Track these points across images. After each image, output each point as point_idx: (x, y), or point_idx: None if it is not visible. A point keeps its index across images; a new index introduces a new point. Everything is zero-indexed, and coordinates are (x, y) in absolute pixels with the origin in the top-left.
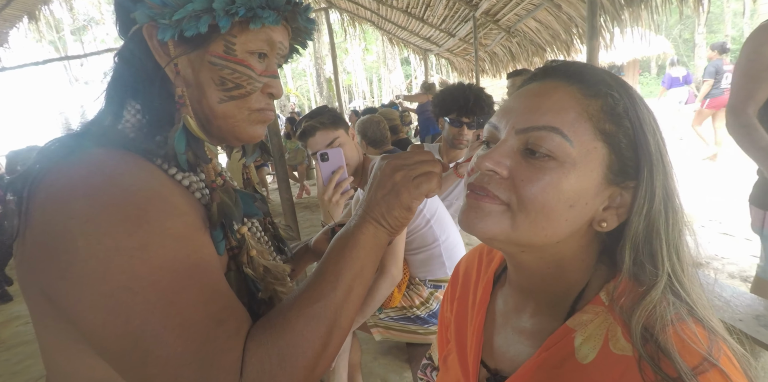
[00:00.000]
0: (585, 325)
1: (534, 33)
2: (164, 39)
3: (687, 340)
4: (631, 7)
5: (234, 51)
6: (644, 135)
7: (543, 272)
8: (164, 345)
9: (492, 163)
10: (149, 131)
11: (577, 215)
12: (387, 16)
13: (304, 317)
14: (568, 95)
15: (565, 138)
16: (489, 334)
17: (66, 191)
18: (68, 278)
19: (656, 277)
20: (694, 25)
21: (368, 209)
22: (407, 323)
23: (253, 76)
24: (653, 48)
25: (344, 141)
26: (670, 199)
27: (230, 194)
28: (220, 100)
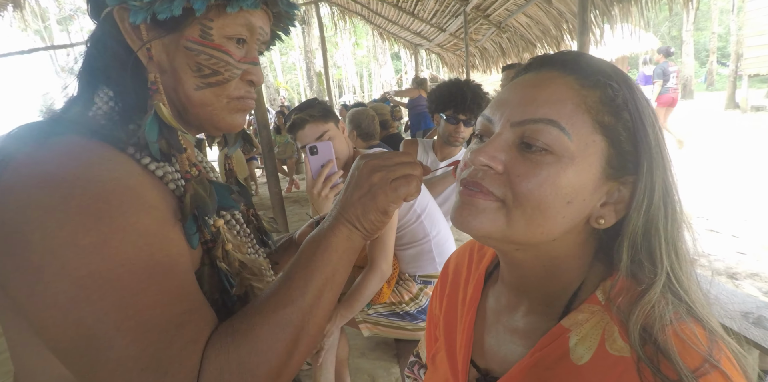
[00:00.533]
0: (580, 324)
1: (524, 28)
2: (136, 22)
3: (687, 341)
4: (621, 3)
5: (210, 36)
6: (644, 127)
7: (537, 270)
8: (117, 348)
9: (486, 158)
10: (121, 119)
11: (575, 212)
12: (378, 11)
13: (268, 324)
14: (565, 86)
15: (563, 131)
16: (479, 333)
17: (26, 180)
18: (22, 272)
19: (655, 275)
20: (681, 22)
21: (343, 210)
22: (396, 318)
23: (231, 63)
24: (642, 44)
25: (334, 134)
26: (669, 194)
27: (204, 186)
28: (196, 87)
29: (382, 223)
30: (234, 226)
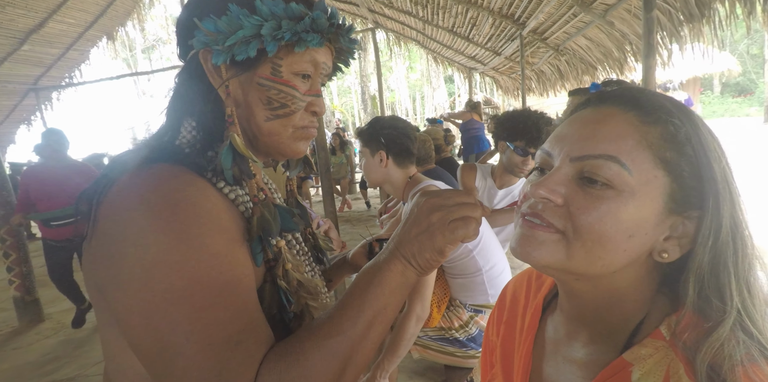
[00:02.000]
0: (644, 359)
1: (584, 51)
2: (217, 63)
3: (757, 380)
4: (691, 23)
5: (280, 73)
6: (708, 163)
7: (597, 302)
8: (185, 357)
9: (546, 191)
10: (202, 147)
11: (636, 245)
12: (432, 36)
13: (319, 351)
14: (625, 122)
15: (624, 167)
16: (537, 361)
17: (126, 202)
18: (117, 281)
19: (724, 313)
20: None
21: (400, 245)
22: (445, 344)
23: (297, 96)
24: (716, 65)
25: (366, 158)
26: (738, 229)
27: (270, 209)
28: (266, 118)
29: (436, 262)
30: (294, 246)
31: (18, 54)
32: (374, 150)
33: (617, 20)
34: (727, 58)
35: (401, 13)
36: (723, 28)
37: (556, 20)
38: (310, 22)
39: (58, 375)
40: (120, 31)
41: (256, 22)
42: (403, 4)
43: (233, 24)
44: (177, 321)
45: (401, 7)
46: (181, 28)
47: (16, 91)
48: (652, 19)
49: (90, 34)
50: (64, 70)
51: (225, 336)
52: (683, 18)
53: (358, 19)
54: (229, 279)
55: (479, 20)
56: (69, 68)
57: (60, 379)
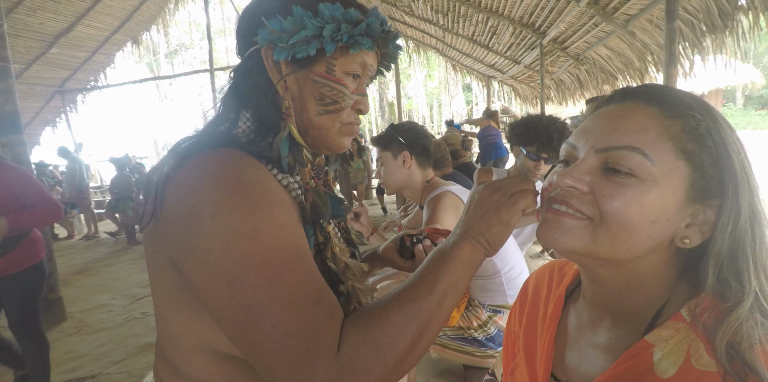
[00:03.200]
0: (665, 340)
1: (605, 60)
2: (279, 59)
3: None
4: (713, 33)
5: (334, 71)
6: (728, 154)
7: (620, 287)
8: (270, 316)
9: (573, 180)
10: (257, 137)
11: (659, 231)
12: (452, 44)
13: (401, 312)
14: (648, 116)
15: (647, 157)
16: (560, 348)
17: (198, 180)
18: (195, 252)
19: (742, 294)
20: None
21: (467, 227)
22: (464, 343)
23: (347, 94)
24: (739, 77)
25: (385, 162)
26: (757, 217)
27: (321, 196)
28: (318, 113)
29: (504, 236)
30: (337, 233)
31: (46, 57)
32: (397, 152)
33: (639, 30)
34: (751, 71)
35: (421, 21)
36: (746, 39)
37: (577, 29)
38: (365, 27)
39: (81, 373)
40: (145, 36)
41: (319, 24)
42: (423, 12)
43: (297, 24)
44: (259, 284)
45: (422, 15)
46: (244, 25)
47: (43, 93)
48: (674, 29)
49: (116, 38)
50: (89, 73)
51: (305, 295)
52: (706, 29)
53: None
54: (298, 247)
55: (499, 29)
56: (94, 71)
57: (82, 377)
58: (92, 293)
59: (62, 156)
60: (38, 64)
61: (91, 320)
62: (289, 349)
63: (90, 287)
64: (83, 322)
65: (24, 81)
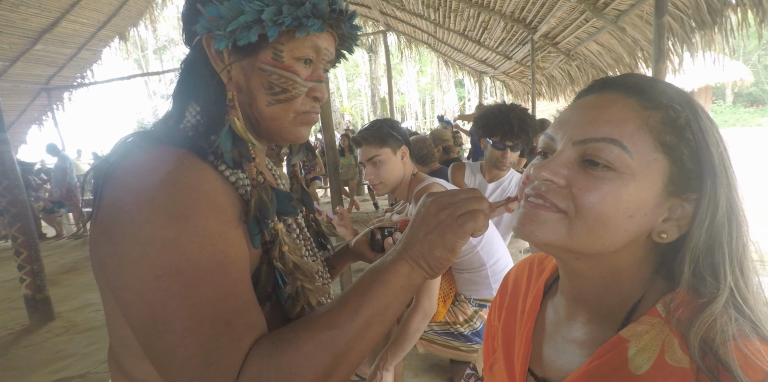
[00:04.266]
0: (640, 336)
1: (595, 56)
2: (220, 48)
3: (750, 356)
4: (702, 30)
5: (281, 58)
6: (707, 147)
7: (597, 281)
8: (174, 334)
9: (549, 173)
10: (205, 131)
11: (636, 226)
12: (444, 39)
13: (313, 341)
14: (627, 107)
15: (625, 149)
16: (537, 343)
17: (125, 183)
18: (115, 257)
19: (717, 290)
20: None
21: (407, 246)
22: (450, 338)
23: (299, 81)
24: (728, 74)
25: (384, 159)
26: (734, 212)
27: (267, 192)
28: (268, 103)
29: (447, 261)
30: (294, 230)
31: (31, 53)
32: (396, 147)
33: (629, 26)
34: (740, 68)
35: (413, 16)
36: (735, 35)
37: (568, 25)
38: (311, 7)
39: (69, 372)
40: (132, 32)
41: (257, 7)
42: (414, 7)
43: (235, 9)
44: (167, 297)
45: (413, 9)
46: (185, 14)
47: (28, 90)
48: (663, 24)
49: (102, 34)
50: (75, 70)
51: (214, 315)
52: (695, 25)
53: (369, 21)
54: (221, 260)
55: (491, 24)
56: (81, 68)
57: (70, 376)
58: (81, 292)
59: (51, 153)
60: (23, 61)
61: (79, 320)
62: (187, 372)
63: (78, 286)
64: (72, 321)
65: (8, 78)
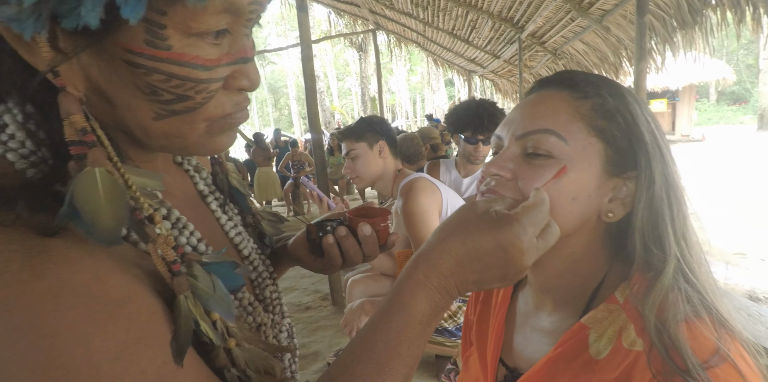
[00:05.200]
0: (599, 322)
1: (581, 55)
2: (28, 36)
3: (699, 334)
4: (684, 29)
5: (165, 39)
6: (637, 127)
7: (557, 268)
8: None
9: (496, 168)
10: (51, 172)
11: (582, 208)
12: (433, 38)
13: None
14: (560, 100)
15: (560, 137)
16: (509, 334)
17: None
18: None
19: (665, 261)
20: (758, 50)
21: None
22: (435, 334)
23: (203, 78)
24: (712, 73)
25: (360, 153)
26: (672, 185)
27: (202, 276)
28: (156, 115)
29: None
30: (239, 233)
31: None
32: (372, 142)
33: (613, 25)
34: (723, 67)
35: (402, 15)
36: (714, 35)
37: (554, 24)
38: None
39: None
40: None
41: None
42: (403, 6)
43: None
44: None
45: (402, 8)
46: None
47: None
48: (645, 23)
49: None
50: None
51: None
52: (676, 24)
53: (359, 20)
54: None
55: (479, 23)
56: None
57: None
58: None
59: None
60: None
61: None
62: None
63: None
64: None
65: None
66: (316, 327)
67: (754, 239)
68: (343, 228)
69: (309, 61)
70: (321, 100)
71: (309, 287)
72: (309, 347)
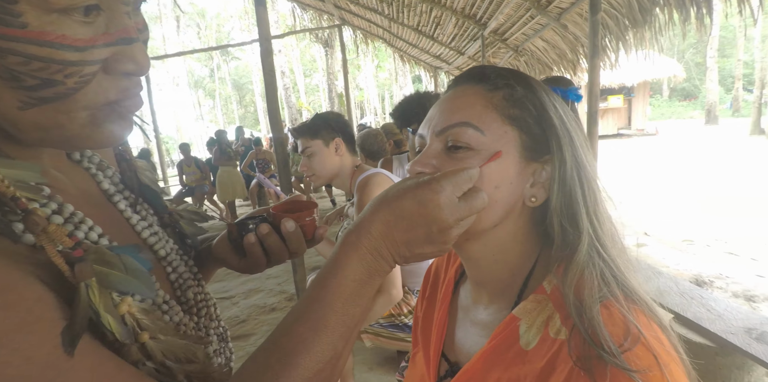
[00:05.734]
0: (529, 313)
1: (541, 52)
2: None
3: (615, 315)
4: (635, 28)
5: (19, 16)
6: (546, 113)
7: (488, 260)
8: None
9: (420, 166)
10: None
11: (505, 195)
12: (398, 34)
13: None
14: (474, 93)
15: (476, 129)
16: (451, 328)
17: None
18: None
19: (579, 238)
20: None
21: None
22: (396, 330)
23: (71, 59)
24: (664, 70)
25: (315, 151)
26: (581, 167)
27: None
28: (22, 104)
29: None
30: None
31: None
32: (328, 139)
33: (570, 23)
34: (674, 65)
35: (367, 11)
36: (663, 33)
37: (515, 22)
38: None
39: None
40: None
41: None
42: (368, 1)
43: None
44: None
45: (367, 4)
46: None
47: None
48: (598, 21)
49: None
50: None
51: None
52: (628, 23)
53: (324, 15)
54: None
55: (443, 19)
56: None
57: None
58: None
59: None
60: None
61: None
62: None
63: None
64: None
65: None
66: None
67: (701, 226)
68: (265, 226)
69: (268, 56)
70: (287, 97)
71: (274, 288)
72: None
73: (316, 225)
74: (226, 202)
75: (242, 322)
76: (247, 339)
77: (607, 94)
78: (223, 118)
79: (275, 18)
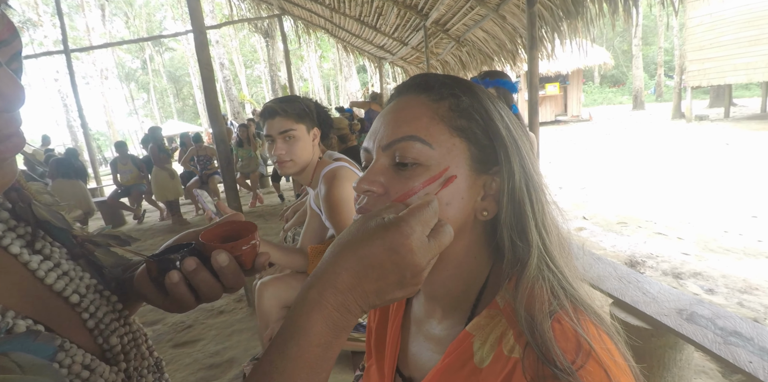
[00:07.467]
0: (482, 329)
1: (482, 43)
2: None
3: (566, 331)
4: (569, 19)
5: None
6: (493, 123)
7: (442, 274)
8: None
9: (367, 184)
10: None
11: (457, 211)
12: (341, 24)
13: None
14: (419, 104)
15: (424, 142)
16: (405, 342)
17: None
18: None
19: (529, 252)
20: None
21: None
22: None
23: None
24: (594, 58)
25: (299, 136)
26: (529, 177)
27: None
28: None
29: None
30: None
31: None
32: (310, 127)
33: (508, 14)
34: (603, 53)
35: (308, 1)
36: (594, 24)
37: (456, 12)
38: None
39: None
40: None
41: None
42: None
43: None
44: None
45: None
46: None
47: None
48: (534, 13)
49: None
50: None
51: None
52: (562, 14)
53: (263, 4)
54: None
55: (385, 10)
56: None
57: None
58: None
59: None
60: None
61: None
62: None
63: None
64: None
65: None
66: (231, 332)
67: (633, 208)
68: (192, 260)
69: (204, 49)
70: (228, 90)
71: None
72: (223, 354)
73: (257, 252)
74: (163, 201)
75: (188, 327)
76: (194, 345)
77: (545, 82)
78: (160, 112)
79: (210, 7)
